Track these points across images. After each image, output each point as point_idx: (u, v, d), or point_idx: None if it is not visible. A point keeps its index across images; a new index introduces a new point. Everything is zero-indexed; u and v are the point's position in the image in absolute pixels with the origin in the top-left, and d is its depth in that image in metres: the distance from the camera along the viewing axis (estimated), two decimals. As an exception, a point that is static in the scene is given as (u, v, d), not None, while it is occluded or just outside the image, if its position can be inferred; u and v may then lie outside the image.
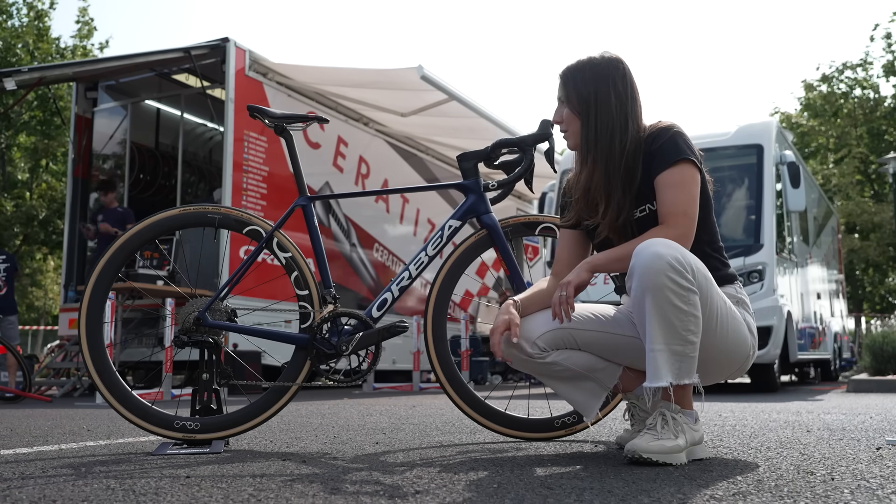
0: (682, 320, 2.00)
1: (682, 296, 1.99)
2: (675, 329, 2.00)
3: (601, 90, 2.25)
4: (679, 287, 1.99)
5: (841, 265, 14.91)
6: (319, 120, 2.78)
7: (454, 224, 2.69)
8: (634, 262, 2.03)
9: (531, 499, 1.56)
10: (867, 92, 25.20)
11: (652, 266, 1.99)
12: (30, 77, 8.52)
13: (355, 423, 3.69)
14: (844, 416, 3.84)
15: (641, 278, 2.00)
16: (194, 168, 10.15)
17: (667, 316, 1.99)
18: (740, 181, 8.04)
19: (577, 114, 2.29)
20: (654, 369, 2.01)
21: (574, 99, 2.28)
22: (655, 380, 2.00)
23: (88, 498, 1.62)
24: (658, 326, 2.00)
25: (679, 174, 2.18)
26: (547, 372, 2.31)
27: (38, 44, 18.80)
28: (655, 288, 1.98)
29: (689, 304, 2.00)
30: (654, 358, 2.01)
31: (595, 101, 2.25)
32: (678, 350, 2.00)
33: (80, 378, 7.85)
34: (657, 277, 1.98)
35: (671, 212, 2.16)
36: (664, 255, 1.99)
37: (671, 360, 2.00)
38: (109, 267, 2.63)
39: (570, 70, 2.32)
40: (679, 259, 2.00)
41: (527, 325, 2.28)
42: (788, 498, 1.54)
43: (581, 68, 2.30)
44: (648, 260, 2.00)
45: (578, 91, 2.28)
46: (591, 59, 2.31)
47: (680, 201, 2.16)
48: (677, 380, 2.00)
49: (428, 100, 9.29)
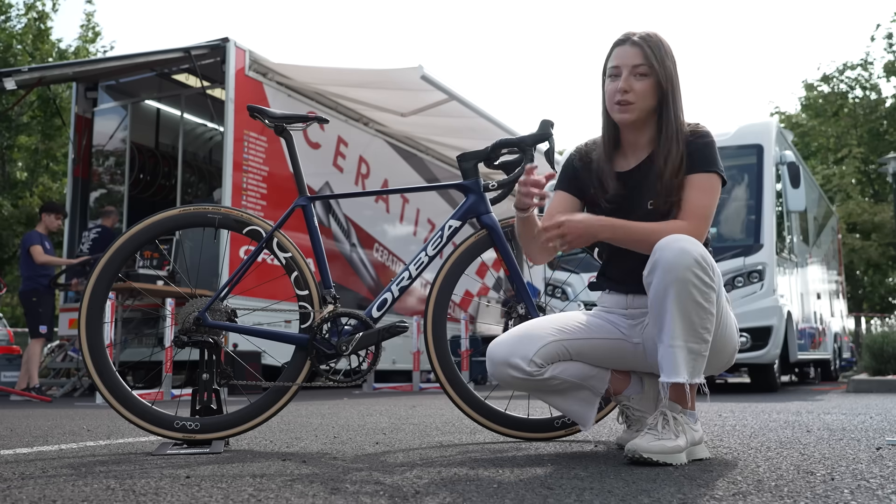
0: (701, 318, 2.01)
1: (704, 293, 2.00)
2: (695, 326, 2.00)
3: (675, 68, 2.25)
4: (703, 284, 2.00)
5: (841, 265, 14.91)
6: (319, 120, 2.78)
7: (454, 224, 2.69)
8: (659, 255, 2.03)
9: (531, 499, 1.56)
10: (868, 92, 25.20)
11: (678, 261, 1.99)
12: (30, 77, 8.51)
13: (355, 423, 3.69)
14: (844, 416, 3.84)
15: (667, 273, 2.00)
16: (194, 168, 10.14)
17: (688, 312, 1.99)
18: (740, 181, 8.04)
19: (656, 86, 2.22)
20: (672, 365, 2.01)
21: (662, 73, 2.21)
22: (673, 375, 2.01)
23: (88, 498, 1.62)
24: (679, 322, 2.00)
25: (711, 182, 2.21)
26: (544, 387, 2.28)
27: (37, 44, 18.80)
28: (680, 282, 1.98)
29: (710, 302, 2.02)
30: (674, 353, 2.01)
31: (674, 80, 2.24)
32: (695, 348, 2.01)
33: (80, 378, 7.85)
34: (683, 272, 1.98)
35: (696, 212, 2.17)
36: (691, 251, 2.00)
37: (688, 357, 2.01)
38: (109, 267, 2.63)
39: (655, 42, 2.23)
40: (704, 256, 2.01)
41: (520, 343, 2.24)
42: (788, 498, 1.54)
43: (658, 41, 2.24)
44: (675, 255, 2.00)
45: (666, 66, 2.22)
46: (657, 34, 2.25)
47: (706, 206, 2.19)
48: (691, 378, 2.01)
49: (428, 100, 9.28)
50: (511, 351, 2.23)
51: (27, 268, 7.70)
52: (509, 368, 2.22)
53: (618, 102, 2.23)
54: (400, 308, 9.60)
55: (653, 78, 2.21)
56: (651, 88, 2.22)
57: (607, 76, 2.29)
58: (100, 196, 9.62)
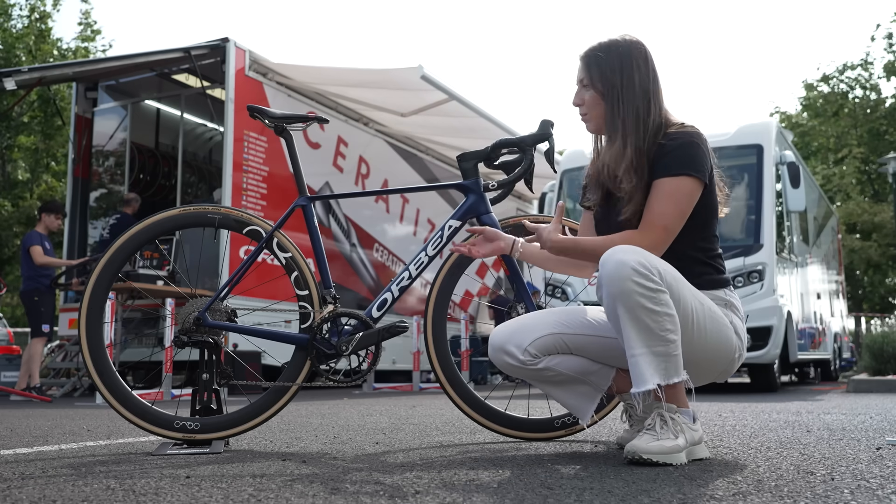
0: (656, 321, 2.00)
1: (651, 297, 1.99)
2: (652, 331, 2.00)
3: (626, 71, 2.25)
4: (646, 289, 1.99)
5: (841, 265, 14.91)
6: (319, 120, 2.78)
7: (454, 224, 2.69)
8: (601, 272, 2.05)
9: (531, 499, 1.56)
10: (868, 92, 25.21)
11: (617, 273, 2.00)
12: (30, 77, 8.51)
13: (355, 423, 3.69)
14: (844, 416, 3.84)
15: (609, 287, 2.02)
16: (194, 168, 10.14)
17: (641, 319, 1.99)
18: (740, 181, 8.04)
19: (600, 95, 2.27)
20: (638, 374, 2.01)
21: (598, 81, 2.27)
22: (641, 384, 2.01)
23: (88, 498, 1.62)
24: (634, 331, 2.00)
25: (677, 186, 2.17)
26: (539, 377, 2.31)
27: (39, 45, 18.80)
28: (624, 294, 1.99)
29: (661, 304, 2.00)
30: (637, 363, 2.01)
31: (620, 82, 2.24)
32: (660, 351, 2.01)
33: (80, 378, 7.85)
34: (623, 283, 1.99)
35: (653, 221, 2.16)
36: (627, 261, 2.00)
37: (655, 361, 2.00)
38: (109, 267, 2.63)
39: (593, 52, 2.30)
40: (642, 262, 2.01)
41: (518, 332, 2.28)
42: (788, 498, 1.54)
43: (604, 49, 2.28)
44: (613, 268, 2.01)
45: (602, 72, 2.26)
46: (612, 40, 2.29)
47: (667, 213, 2.16)
48: (665, 380, 2.00)
49: (428, 100, 9.29)
50: (507, 339, 2.28)
51: (28, 268, 7.68)
52: (504, 355, 2.28)
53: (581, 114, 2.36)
54: (400, 308, 9.61)
55: (593, 89, 2.29)
56: (596, 99, 2.29)
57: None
58: (100, 196, 9.63)
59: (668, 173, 2.18)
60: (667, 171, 2.18)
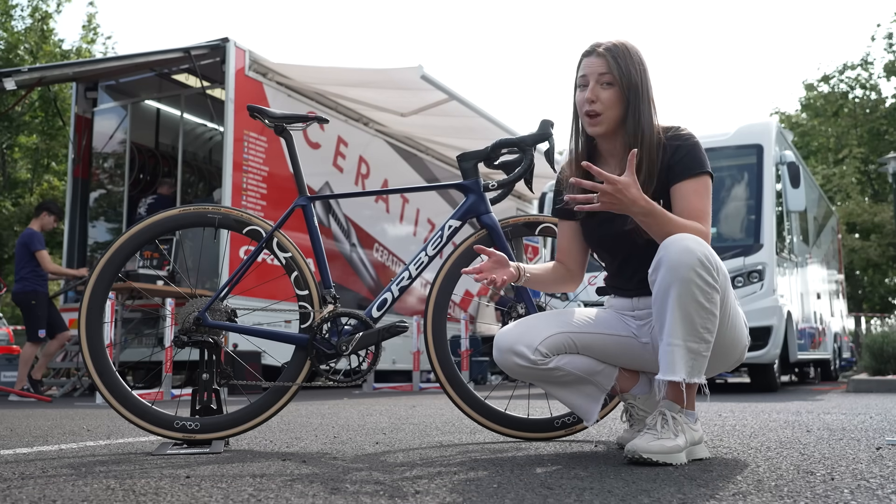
0: (702, 318, 2.00)
1: (706, 293, 2.00)
2: (695, 326, 2.00)
3: (643, 74, 2.24)
4: (705, 284, 1.99)
5: (841, 265, 14.91)
6: (319, 120, 2.78)
7: (454, 224, 2.69)
8: (663, 253, 2.02)
9: (531, 499, 1.56)
10: (868, 92, 25.21)
11: (682, 260, 1.98)
12: (30, 77, 8.50)
13: (355, 423, 3.69)
14: (844, 416, 3.84)
15: (670, 271, 2.00)
16: (194, 168, 10.14)
17: (689, 311, 1.99)
18: (740, 181, 8.04)
19: (623, 94, 2.22)
20: (669, 363, 2.01)
21: (625, 81, 2.21)
22: (670, 373, 2.01)
23: (88, 498, 1.62)
24: (679, 321, 2.00)
25: (706, 184, 2.22)
26: (548, 378, 2.30)
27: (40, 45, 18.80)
28: (682, 282, 1.98)
29: (711, 303, 2.01)
30: (672, 352, 2.01)
31: (640, 86, 2.23)
32: (694, 348, 2.01)
33: (80, 378, 7.85)
34: (685, 272, 1.98)
35: (702, 218, 2.18)
36: (695, 250, 1.99)
37: (687, 356, 2.00)
38: (109, 267, 2.63)
39: (619, 50, 2.24)
40: (708, 256, 2.01)
41: (527, 332, 2.27)
42: (788, 498, 1.54)
43: (626, 51, 2.24)
44: (679, 253, 1.99)
45: (630, 74, 2.22)
46: (624, 43, 2.26)
47: (707, 210, 2.20)
48: (689, 377, 2.01)
49: (428, 100, 9.29)
50: (517, 339, 2.25)
51: (25, 267, 7.41)
52: (514, 356, 2.24)
53: (587, 113, 2.25)
54: (400, 308, 9.61)
55: (617, 87, 2.23)
56: (617, 97, 2.23)
57: (577, 86, 2.31)
58: (99, 196, 9.62)
59: (692, 173, 2.21)
60: (691, 172, 2.21)
